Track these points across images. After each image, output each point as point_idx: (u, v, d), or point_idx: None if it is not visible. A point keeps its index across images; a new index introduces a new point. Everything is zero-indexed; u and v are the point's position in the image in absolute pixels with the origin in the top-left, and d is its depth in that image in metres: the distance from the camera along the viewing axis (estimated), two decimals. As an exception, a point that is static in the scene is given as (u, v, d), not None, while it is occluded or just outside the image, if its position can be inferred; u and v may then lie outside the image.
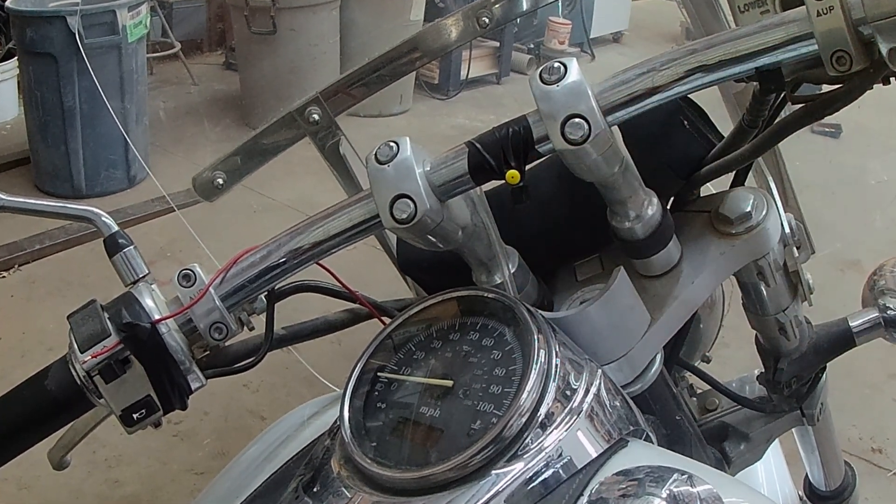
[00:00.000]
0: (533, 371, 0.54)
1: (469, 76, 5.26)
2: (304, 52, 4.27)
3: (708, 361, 1.02)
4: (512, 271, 0.66)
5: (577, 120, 0.54)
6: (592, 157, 0.55)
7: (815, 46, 0.52)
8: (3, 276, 3.09)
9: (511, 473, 0.52)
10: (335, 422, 0.63)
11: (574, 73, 0.55)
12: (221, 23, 5.57)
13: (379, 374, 0.60)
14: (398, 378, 0.60)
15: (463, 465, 0.52)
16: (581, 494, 0.53)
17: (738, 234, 0.68)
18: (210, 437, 2.35)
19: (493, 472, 0.52)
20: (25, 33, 3.41)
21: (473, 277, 0.68)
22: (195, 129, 4.38)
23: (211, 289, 0.62)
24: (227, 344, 0.67)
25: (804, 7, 0.51)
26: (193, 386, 0.63)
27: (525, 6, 0.77)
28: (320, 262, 0.65)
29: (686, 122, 0.69)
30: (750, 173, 0.76)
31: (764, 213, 0.68)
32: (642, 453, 0.57)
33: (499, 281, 0.66)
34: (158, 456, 2.28)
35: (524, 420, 0.53)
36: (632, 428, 0.59)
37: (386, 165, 0.58)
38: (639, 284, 0.66)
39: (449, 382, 0.57)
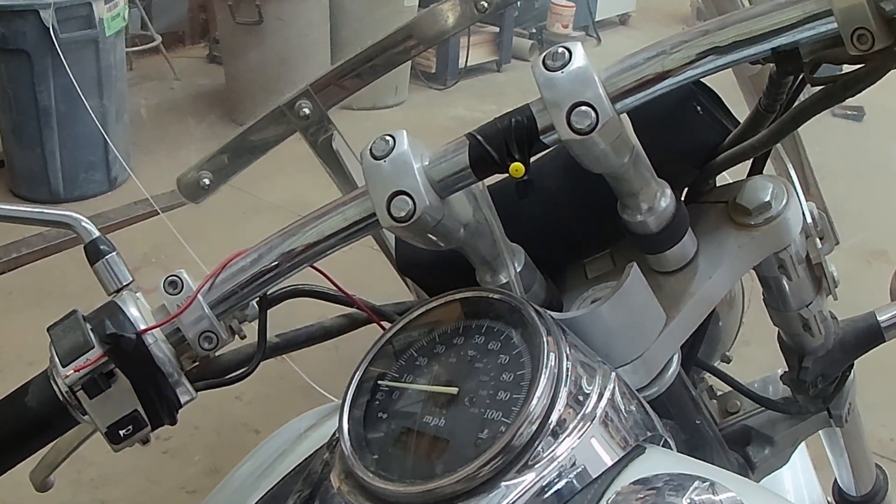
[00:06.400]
0: (542, 375, 0.54)
1: (468, 64, 5.26)
2: (292, 43, 4.27)
3: (728, 361, 1.02)
4: (518, 270, 0.66)
5: (583, 108, 0.54)
6: (600, 147, 0.55)
7: (835, 24, 0.52)
8: (-21, 288, 3.10)
9: (522, 485, 0.52)
10: (334, 434, 0.63)
11: (579, 58, 0.55)
12: (204, 13, 5.57)
13: (379, 382, 0.60)
14: (400, 386, 0.60)
15: (471, 478, 0.52)
16: (597, 505, 0.53)
17: (758, 225, 0.68)
18: (202, 452, 2.35)
19: (503, 483, 0.52)
20: (-4, 29, 3.42)
21: (477, 277, 0.68)
22: (178, 127, 4.38)
23: (199, 296, 0.62)
24: (217, 354, 0.67)
25: (822, -17, 0.51)
26: (183, 399, 0.63)
27: (526, -12, 0.77)
28: (314, 264, 0.65)
29: (699, 108, 0.69)
30: (768, 161, 0.76)
31: (784, 202, 0.68)
32: (661, 460, 0.57)
33: (504, 281, 0.66)
34: (147, 474, 2.28)
35: (534, 428, 0.53)
36: (649, 434, 0.59)
37: (382, 161, 0.58)
38: (653, 281, 0.66)
39: (454, 389, 0.57)
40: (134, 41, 4.70)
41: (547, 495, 0.52)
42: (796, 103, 0.67)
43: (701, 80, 0.59)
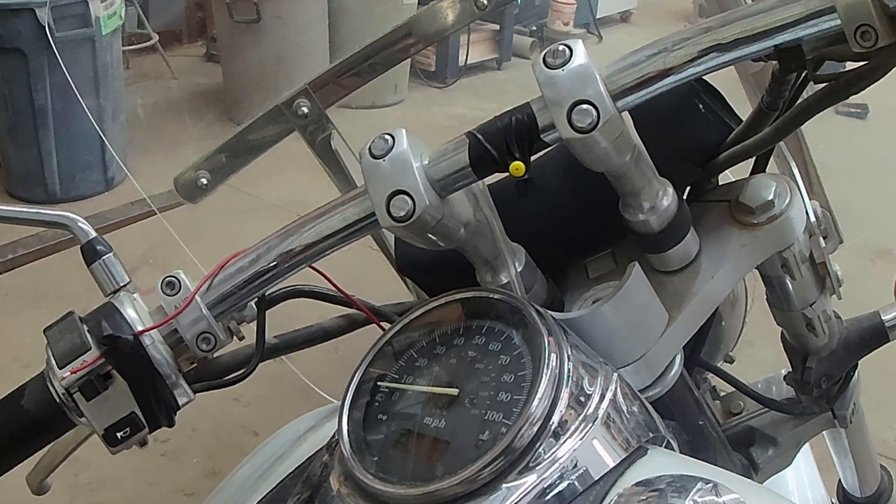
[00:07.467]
0: (544, 376, 0.54)
1: (468, 62, 5.26)
2: (290, 41, 4.27)
3: (731, 362, 1.02)
4: (519, 270, 0.66)
5: (584, 106, 0.54)
6: (602, 146, 0.55)
7: (838, 21, 0.52)
8: (-25, 289, 3.10)
9: (523, 487, 0.52)
10: (333, 436, 0.63)
11: (580, 55, 0.55)
12: (201, 12, 5.57)
13: (379, 383, 0.60)
14: (400, 387, 0.60)
15: (471, 479, 0.52)
16: (599, 507, 0.53)
17: (761, 224, 0.68)
18: (200, 455, 2.35)
19: (504, 485, 0.52)
20: (-9, 28, 3.42)
21: (478, 277, 0.68)
22: (176, 126, 4.38)
23: (197, 296, 0.62)
24: (215, 355, 0.67)
25: (825, -21, 0.51)
26: (181, 401, 0.63)
27: (526, -15, 0.77)
28: (313, 265, 0.65)
29: (701, 106, 0.69)
30: (771, 159, 0.76)
31: (787, 201, 0.68)
32: (663, 462, 0.57)
33: (505, 280, 0.66)
34: (145, 477, 2.28)
35: (536, 429, 0.53)
36: (651, 435, 0.59)
37: (381, 160, 0.58)
38: (655, 281, 0.66)
39: (454, 391, 0.57)
40: (130, 40, 4.70)
41: (548, 497, 0.52)
42: (799, 101, 0.67)
43: (703, 77, 0.59)
